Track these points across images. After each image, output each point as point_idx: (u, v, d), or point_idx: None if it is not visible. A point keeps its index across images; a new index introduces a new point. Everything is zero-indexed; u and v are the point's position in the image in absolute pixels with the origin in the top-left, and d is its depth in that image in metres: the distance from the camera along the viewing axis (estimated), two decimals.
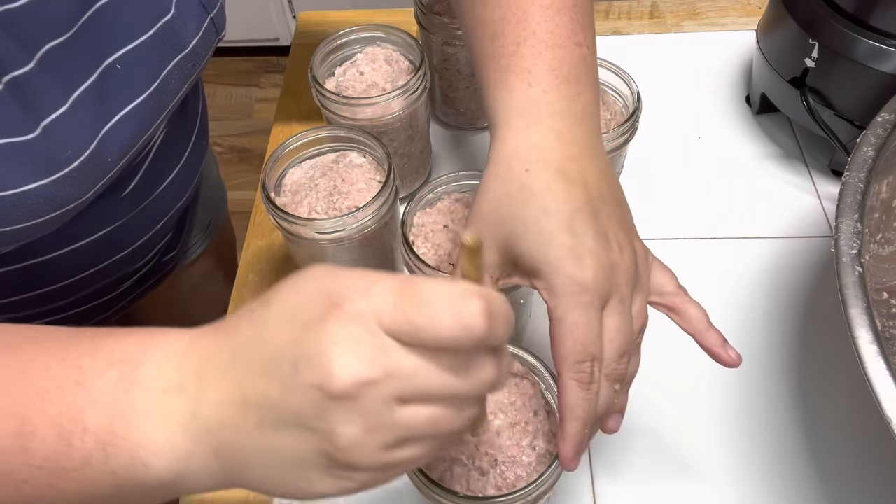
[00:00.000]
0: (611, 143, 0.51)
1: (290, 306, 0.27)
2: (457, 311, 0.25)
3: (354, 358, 0.25)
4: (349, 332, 0.25)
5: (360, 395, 0.25)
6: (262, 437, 0.27)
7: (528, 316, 0.54)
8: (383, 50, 0.60)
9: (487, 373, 0.28)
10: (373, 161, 0.52)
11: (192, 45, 0.48)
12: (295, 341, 0.26)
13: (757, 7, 0.80)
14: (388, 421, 0.26)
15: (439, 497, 0.36)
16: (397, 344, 0.26)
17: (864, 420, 0.50)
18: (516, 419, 0.40)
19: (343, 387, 0.25)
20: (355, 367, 0.25)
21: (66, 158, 0.41)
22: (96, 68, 0.43)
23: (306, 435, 0.26)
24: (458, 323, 0.25)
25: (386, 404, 0.26)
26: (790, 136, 0.68)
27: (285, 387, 0.26)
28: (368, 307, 0.26)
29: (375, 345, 0.25)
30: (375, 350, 0.25)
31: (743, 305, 0.57)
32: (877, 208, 0.45)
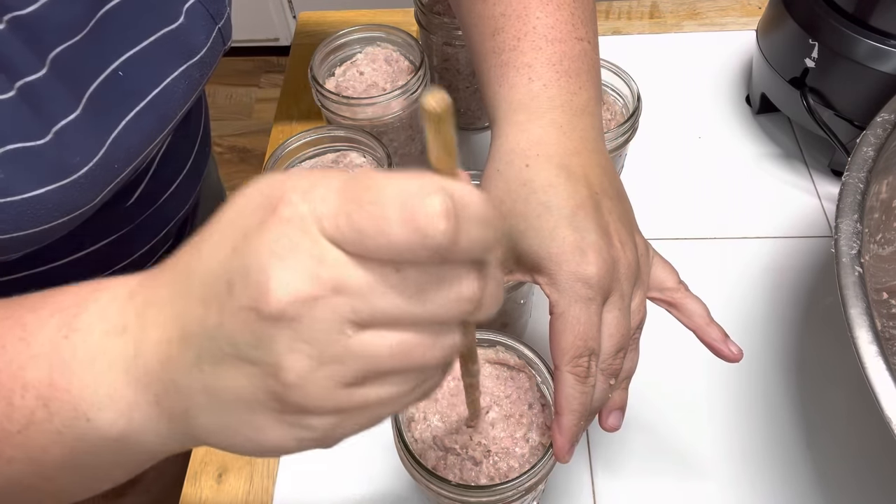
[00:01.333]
0: (611, 143, 0.51)
1: (229, 220, 0.23)
2: (410, 211, 0.19)
3: (292, 270, 0.21)
4: (288, 240, 0.21)
5: (301, 316, 0.21)
6: (201, 374, 0.23)
7: (528, 316, 0.54)
8: (383, 50, 0.60)
9: (469, 286, 0.22)
10: (373, 161, 0.52)
11: (201, 55, 0.48)
12: (230, 256, 0.22)
13: (757, 7, 0.80)
14: (342, 349, 0.21)
15: (432, 485, 0.37)
16: (345, 255, 0.21)
17: (864, 420, 0.50)
18: (511, 411, 0.40)
19: (279, 306, 0.20)
20: (293, 282, 0.20)
21: (76, 164, 0.41)
22: (105, 72, 0.43)
23: (248, 369, 0.22)
24: (412, 227, 0.19)
25: (337, 328, 0.21)
26: (790, 136, 0.68)
27: (221, 310, 0.22)
28: (309, 210, 0.21)
29: (317, 255, 0.21)
30: (317, 261, 0.21)
31: (743, 305, 0.57)
32: (877, 208, 0.45)
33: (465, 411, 0.40)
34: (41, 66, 0.39)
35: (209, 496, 0.49)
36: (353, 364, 0.22)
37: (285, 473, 0.50)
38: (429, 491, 0.37)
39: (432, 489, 0.37)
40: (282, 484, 0.50)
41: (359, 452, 0.51)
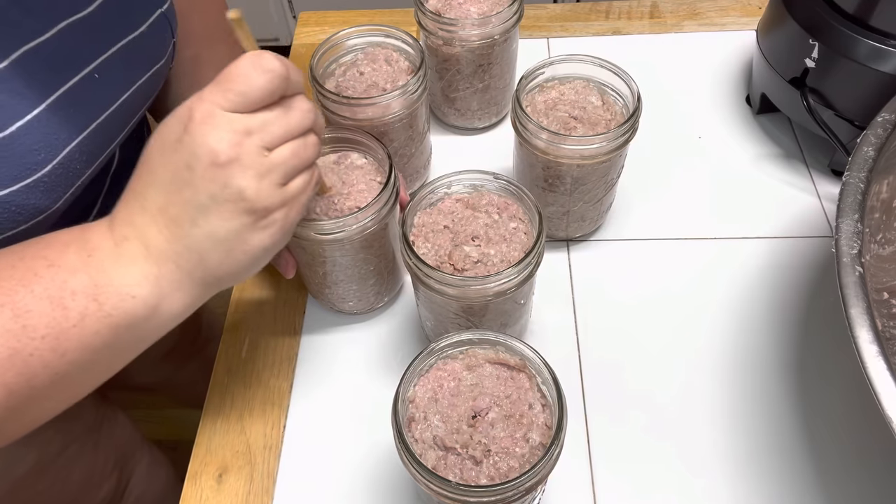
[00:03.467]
0: (611, 144, 0.51)
1: (158, 145, 0.36)
2: (258, 66, 0.35)
3: (222, 134, 0.35)
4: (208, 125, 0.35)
5: (239, 155, 0.35)
6: (199, 229, 0.36)
7: (528, 316, 0.54)
8: (383, 50, 0.60)
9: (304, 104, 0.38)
10: (374, 162, 0.52)
11: (161, 63, 0.52)
12: (177, 155, 0.35)
13: (757, 7, 0.80)
14: (269, 163, 0.36)
15: (432, 485, 0.36)
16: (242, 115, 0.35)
17: (865, 420, 0.50)
18: (511, 411, 0.40)
19: (226, 153, 0.35)
20: (226, 138, 0.35)
21: (39, 162, 0.41)
22: (74, 75, 0.44)
23: (225, 206, 0.36)
24: (264, 71, 0.35)
25: (259, 154, 0.36)
26: (790, 136, 0.68)
27: (192, 184, 0.35)
28: (209, 104, 0.35)
29: (230, 120, 0.35)
30: (232, 123, 0.35)
31: (743, 305, 0.57)
32: (877, 208, 0.45)
33: (465, 411, 0.40)
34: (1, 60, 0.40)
35: (209, 496, 0.49)
36: (278, 170, 0.37)
37: (285, 473, 0.50)
38: (429, 491, 0.37)
39: (432, 489, 0.37)
40: (282, 484, 0.50)
41: (359, 452, 0.51)
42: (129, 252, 0.36)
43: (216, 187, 0.35)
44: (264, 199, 0.36)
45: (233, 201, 0.36)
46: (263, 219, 0.37)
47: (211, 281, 0.38)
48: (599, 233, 0.62)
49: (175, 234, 0.36)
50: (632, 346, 0.55)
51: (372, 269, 0.53)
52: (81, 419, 0.72)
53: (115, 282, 0.35)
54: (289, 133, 0.37)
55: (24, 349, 0.34)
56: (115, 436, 0.78)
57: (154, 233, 0.36)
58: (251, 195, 0.36)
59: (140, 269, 0.36)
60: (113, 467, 0.78)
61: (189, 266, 0.37)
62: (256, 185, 0.36)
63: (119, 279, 0.35)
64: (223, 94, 0.35)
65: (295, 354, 0.56)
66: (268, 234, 0.38)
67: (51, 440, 0.67)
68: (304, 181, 0.39)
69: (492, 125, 0.71)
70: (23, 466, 0.64)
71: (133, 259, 0.36)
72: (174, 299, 0.37)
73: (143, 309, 0.36)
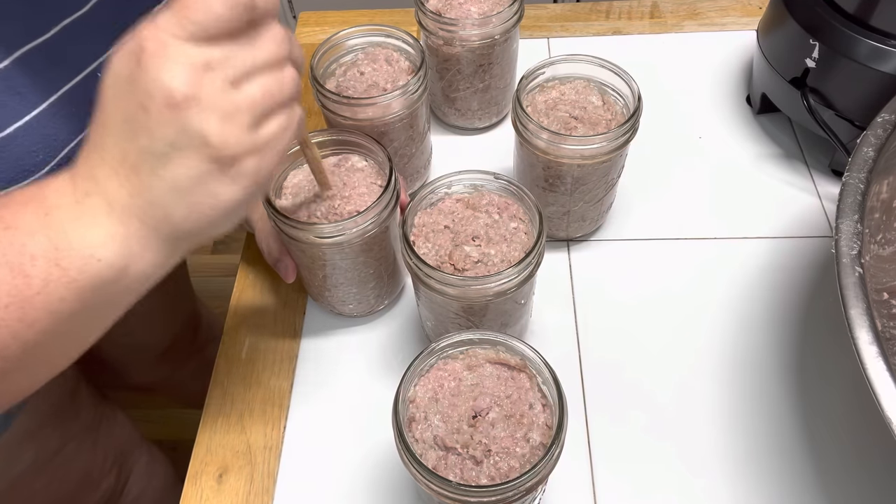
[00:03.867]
0: (611, 144, 0.51)
1: (111, 84, 0.32)
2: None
3: (177, 69, 0.30)
4: (162, 58, 0.30)
5: (197, 94, 0.30)
6: (161, 179, 0.31)
7: (528, 316, 0.54)
8: (383, 50, 0.60)
9: (276, 32, 0.33)
10: (374, 165, 0.52)
11: None
12: (130, 96, 0.30)
13: (757, 7, 0.80)
14: (235, 102, 0.31)
15: (432, 485, 0.36)
16: (199, 45, 0.30)
17: (864, 420, 0.50)
18: (511, 411, 0.40)
19: (181, 92, 0.30)
20: (183, 73, 0.30)
21: (37, 164, 0.41)
22: (76, 74, 0.43)
23: (187, 153, 0.31)
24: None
25: (223, 91, 0.31)
26: (790, 136, 0.68)
27: (148, 128, 0.30)
28: (163, 34, 0.30)
29: (186, 53, 0.30)
30: (189, 56, 0.30)
31: (743, 305, 0.57)
32: (877, 209, 0.45)
33: (465, 411, 0.40)
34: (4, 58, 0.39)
35: (209, 496, 0.49)
36: (246, 110, 0.32)
37: (285, 473, 0.50)
38: (429, 491, 0.37)
39: (433, 489, 0.37)
40: (282, 484, 0.50)
41: (359, 452, 0.51)
42: (91, 209, 0.32)
43: (174, 132, 0.31)
44: (231, 146, 0.31)
45: (194, 148, 0.31)
46: (232, 168, 0.32)
47: (180, 238, 0.34)
48: (600, 233, 0.62)
49: (137, 188, 0.32)
50: (632, 346, 0.55)
51: (372, 273, 0.53)
52: (80, 418, 0.72)
53: (76, 244, 0.32)
54: (258, 66, 0.32)
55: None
56: (113, 434, 0.78)
57: (116, 186, 0.32)
58: (215, 140, 0.31)
59: (104, 229, 0.32)
60: (111, 465, 0.78)
61: (154, 222, 0.33)
62: (220, 128, 0.31)
63: (81, 240, 0.32)
64: (178, 21, 0.30)
65: (295, 355, 0.56)
66: (239, 186, 0.33)
67: (49, 438, 0.67)
68: (279, 124, 0.34)
69: (492, 125, 0.71)
70: (20, 465, 0.64)
71: (95, 217, 0.32)
72: (143, 259, 0.33)
73: (109, 271, 0.32)
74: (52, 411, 0.67)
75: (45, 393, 0.65)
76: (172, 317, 0.87)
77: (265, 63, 0.33)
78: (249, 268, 0.62)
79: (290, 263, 0.52)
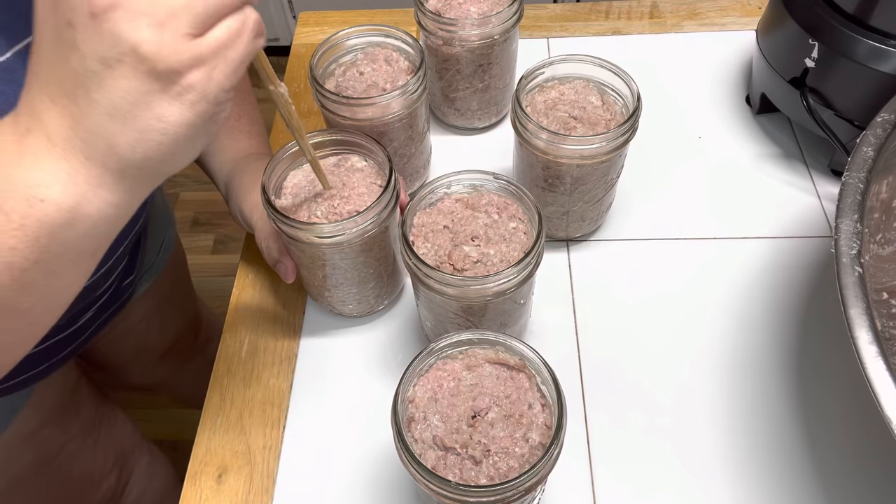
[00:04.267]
0: (610, 144, 0.51)
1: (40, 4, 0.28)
2: None
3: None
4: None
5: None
6: (96, 103, 0.28)
7: (528, 316, 0.54)
8: (383, 50, 0.60)
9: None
10: (374, 165, 0.52)
11: None
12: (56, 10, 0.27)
13: (757, 7, 0.80)
14: (167, 7, 0.27)
15: (432, 485, 0.36)
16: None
17: (864, 420, 0.50)
18: (510, 411, 0.40)
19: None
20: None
21: None
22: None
23: (120, 70, 0.27)
24: None
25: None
26: (790, 136, 0.68)
27: (76, 46, 0.27)
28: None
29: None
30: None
31: (742, 305, 0.57)
32: (877, 208, 0.45)
33: (464, 411, 0.40)
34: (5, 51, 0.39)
35: (209, 496, 0.49)
36: (182, 14, 0.27)
37: (285, 473, 0.50)
38: (428, 491, 0.37)
39: (432, 489, 0.37)
40: (281, 484, 0.50)
41: (359, 452, 0.51)
42: (32, 147, 0.29)
43: (103, 45, 0.27)
44: (168, 56, 0.27)
45: (127, 62, 0.27)
46: (174, 84, 0.28)
47: (134, 172, 0.30)
48: (599, 233, 0.62)
49: (74, 117, 0.29)
50: (632, 346, 0.55)
51: (372, 273, 0.53)
52: (80, 417, 0.72)
53: (17, 186, 0.29)
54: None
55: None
56: (114, 434, 0.79)
57: (56, 118, 0.29)
58: (149, 51, 0.27)
59: (47, 168, 0.29)
60: (112, 465, 0.78)
61: (99, 155, 0.29)
62: (154, 36, 0.27)
63: (23, 182, 0.29)
64: None
65: (295, 355, 0.56)
66: (186, 102, 0.29)
67: (49, 438, 0.67)
68: (228, 29, 0.29)
69: (492, 125, 0.71)
70: (19, 466, 0.64)
71: (36, 155, 0.29)
72: (97, 198, 0.30)
73: (57, 213, 0.29)
74: (54, 409, 0.67)
75: (47, 390, 0.65)
76: (174, 317, 0.87)
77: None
78: (249, 268, 0.62)
79: (290, 264, 0.52)
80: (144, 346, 0.84)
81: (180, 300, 0.87)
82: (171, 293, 0.84)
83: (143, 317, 0.79)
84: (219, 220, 1.67)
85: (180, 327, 0.89)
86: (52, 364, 0.64)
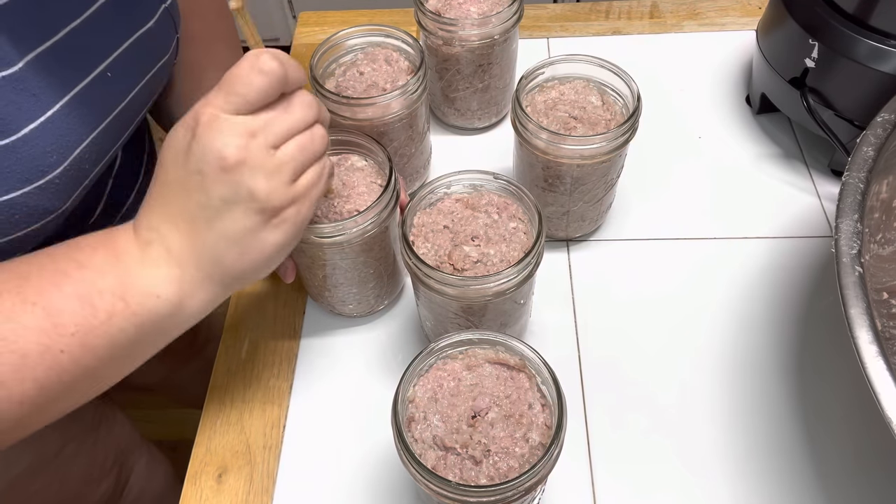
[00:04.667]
0: (611, 144, 0.51)
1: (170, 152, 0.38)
2: (255, 67, 0.36)
3: (228, 138, 0.36)
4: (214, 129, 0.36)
5: (246, 158, 0.36)
6: (214, 231, 0.38)
7: (528, 316, 0.54)
8: (383, 50, 0.60)
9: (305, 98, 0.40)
10: (374, 165, 0.52)
11: (166, 59, 0.52)
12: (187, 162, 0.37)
13: (757, 7, 0.80)
14: (276, 162, 0.38)
15: (432, 485, 0.36)
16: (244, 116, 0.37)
17: (864, 420, 0.50)
18: (510, 411, 0.40)
19: (234, 157, 0.36)
20: (232, 141, 0.36)
21: (52, 163, 0.41)
22: (93, 73, 0.44)
23: (238, 208, 0.37)
24: (261, 73, 0.36)
25: (266, 153, 0.37)
26: (790, 136, 0.68)
27: (203, 188, 0.37)
28: (213, 109, 0.37)
29: (234, 123, 0.37)
30: (236, 126, 0.37)
31: (743, 305, 0.57)
32: (877, 208, 0.45)
33: (464, 411, 0.40)
34: (18, 61, 0.39)
35: (209, 496, 0.49)
36: (286, 167, 0.38)
37: (285, 473, 0.50)
38: (429, 491, 0.37)
39: (432, 489, 0.37)
40: (282, 484, 0.50)
41: (359, 452, 0.51)
42: (153, 255, 0.38)
43: (227, 190, 0.37)
44: (275, 198, 0.37)
45: (244, 202, 0.37)
46: (275, 217, 0.38)
47: (228, 280, 0.40)
48: (599, 233, 0.62)
49: (193, 238, 0.38)
50: (632, 346, 0.55)
51: (372, 273, 0.53)
52: (80, 417, 0.72)
53: (140, 283, 0.37)
54: (292, 129, 0.38)
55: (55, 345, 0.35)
56: (113, 434, 0.79)
57: (175, 236, 0.38)
58: (262, 195, 0.37)
59: (164, 272, 0.38)
60: (112, 465, 0.78)
61: (208, 267, 0.38)
62: (266, 184, 0.37)
63: (144, 280, 0.37)
64: (225, 97, 0.36)
65: (295, 355, 0.56)
66: (280, 231, 0.39)
67: (48, 440, 0.67)
68: (313, 175, 0.40)
69: (492, 125, 0.71)
70: (19, 467, 0.64)
71: (157, 262, 0.38)
72: (196, 297, 0.39)
73: (166, 307, 0.38)
74: None
75: None
76: None
77: (298, 125, 0.39)
78: None
79: (290, 263, 0.52)
80: None
81: None
82: None
83: None
84: None
85: None
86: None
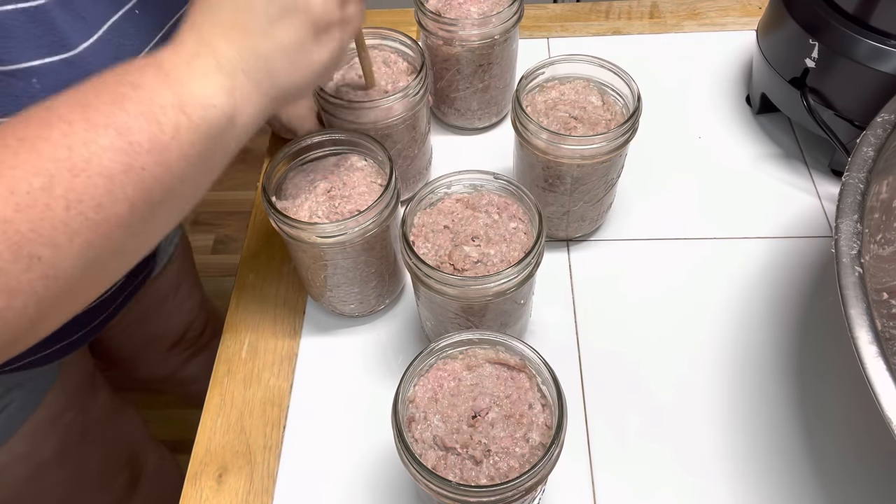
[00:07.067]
0: (611, 144, 0.51)
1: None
2: None
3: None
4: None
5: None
6: (269, 39, 0.38)
7: (528, 316, 0.54)
8: (381, 52, 0.60)
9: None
10: (374, 164, 0.52)
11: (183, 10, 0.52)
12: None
13: (757, 7, 0.80)
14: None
15: (432, 485, 0.36)
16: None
17: (864, 420, 0.50)
18: (511, 411, 0.40)
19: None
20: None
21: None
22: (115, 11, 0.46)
23: (295, 17, 0.38)
24: None
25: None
26: (790, 136, 0.68)
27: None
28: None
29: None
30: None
31: (742, 305, 0.57)
32: (877, 209, 0.45)
33: (465, 411, 0.40)
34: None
35: (209, 496, 0.49)
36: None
37: (285, 473, 0.50)
38: (429, 491, 0.37)
39: (432, 489, 0.37)
40: (282, 484, 0.50)
41: (359, 452, 0.51)
42: (202, 66, 0.37)
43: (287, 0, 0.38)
44: (328, 14, 0.39)
45: (303, 12, 0.38)
46: (325, 34, 0.40)
47: (276, 94, 0.40)
48: (599, 233, 0.62)
49: (245, 45, 0.38)
50: (632, 346, 0.55)
51: (373, 272, 0.53)
52: (99, 403, 0.74)
53: (196, 94, 0.36)
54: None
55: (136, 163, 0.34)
56: (127, 428, 0.80)
57: (224, 45, 0.38)
58: (318, 8, 0.39)
59: (215, 81, 0.37)
60: (125, 463, 0.79)
61: (258, 76, 0.38)
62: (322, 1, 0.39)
63: (199, 90, 0.37)
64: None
65: (295, 355, 0.56)
66: (326, 49, 0.40)
67: (72, 423, 0.69)
68: (357, 6, 0.42)
69: (492, 125, 0.71)
70: (46, 450, 0.65)
71: (206, 72, 0.37)
72: (245, 111, 0.39)
73: (223, 118, 0.37)
74: (76, 391, 0.69)
75: (71, 369, 0.67)
76: (181, 306, 0.88)
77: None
78: (249, 268, 0.62)
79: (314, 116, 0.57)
80: (154, 334, 0.86)
81: (188, 289, 0.89)
82: (179, 282, 0.86)
83: (153, 303, 0.81)
84: (219, 220, 1.67)
85: (188, 317, 0.90)
86: (79, 338, 0.66)
